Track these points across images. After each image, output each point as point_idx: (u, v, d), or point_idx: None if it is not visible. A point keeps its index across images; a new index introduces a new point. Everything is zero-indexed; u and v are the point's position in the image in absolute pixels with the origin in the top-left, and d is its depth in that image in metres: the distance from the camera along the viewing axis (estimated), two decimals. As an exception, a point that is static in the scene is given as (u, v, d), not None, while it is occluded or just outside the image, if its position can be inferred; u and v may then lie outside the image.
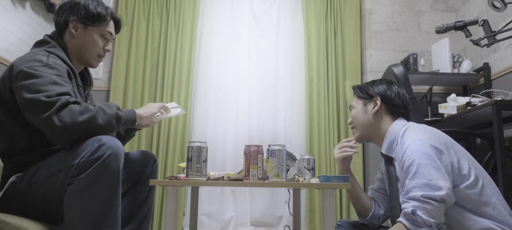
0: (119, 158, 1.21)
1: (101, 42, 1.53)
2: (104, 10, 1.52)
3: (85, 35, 1.49)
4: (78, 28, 1.48)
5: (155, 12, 3.36)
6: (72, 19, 1.47)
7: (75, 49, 1.50)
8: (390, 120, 1.46)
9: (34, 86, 1.24)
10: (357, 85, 1.57)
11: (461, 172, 1.25)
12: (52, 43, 1.44)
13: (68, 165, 1.20)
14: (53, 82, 1.26)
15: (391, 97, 1.46)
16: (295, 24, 3.44)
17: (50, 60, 1.34)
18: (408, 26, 3.33)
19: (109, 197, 1.20)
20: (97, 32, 1.51)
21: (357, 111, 1.51)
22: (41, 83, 1.25)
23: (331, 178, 1.24)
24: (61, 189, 1.22)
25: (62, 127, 1.19)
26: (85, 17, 1.47)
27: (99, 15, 1.49)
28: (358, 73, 3.30)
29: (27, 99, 1.23)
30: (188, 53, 3.28)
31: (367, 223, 1.56)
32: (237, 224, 3.08)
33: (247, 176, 1.27)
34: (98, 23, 1.50)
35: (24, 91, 1.24)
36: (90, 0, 1.51)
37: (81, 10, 1.47)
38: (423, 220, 1.15)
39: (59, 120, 1.19)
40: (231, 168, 3.11)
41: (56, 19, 1.50)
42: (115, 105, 1.36)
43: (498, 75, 2.72)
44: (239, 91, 3.29)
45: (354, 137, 1.54)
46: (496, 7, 1.81)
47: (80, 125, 1.21)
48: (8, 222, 1.16)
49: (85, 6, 1.48)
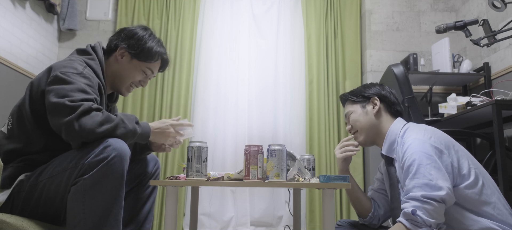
0: (124, 161, 1.21)
1: (140, 76, 1.55)
2: (157, 49, 1.53)
3: (128, 64, 1.52)
4: (124, 57, 1.51)
5: (155, 12, 3.36)
6: (122, 46, 1.50)
7: (112, 73, 1.52)
8: (390, 118, 1.47)
9: (62, 91, 1.25)
10: (348, 92, 1.56)
11: (461, 171, 1.25)
12: (92, 55, 1.46)
13: (73, 165, 1.21)
14: (81, 90, 1.28)
15: (387, 96, 1.49)
16: (295, 24, 3.44)
17: (85, 70, 1.36)
18: (408, 26, 3.33)
19: (112, 198, 1.21)
20: (140, 66, 1.53)
21: (357, 115, 1.49)
22: (70, 89, 1.26)
23: (331, 178, 1.24)
24: (65, 189, 1.22)
25: (80, 133, 1.20)
26: (135, 49, 1.49)
27: (149, 52, 1.51)
28: (358, 73, 3.31)
29: (53, 103, 1.24)
30: (188, 53, 3.28)
31: (367, 223, 1.56)
32: (237, 224, 3.08)
33: (247, 176, 1.27)
34: (144, 59, 1.52)
35: (52, 94, 1.26)
36: (150, 35, 1.54)
37: (135, 42, 1.50)
38: (423, 220, 1.15)
39: (79, 126, 1.20)
40: (231, 168, 3.11)
41: (111, 39, 1.54)
42: (135, 118, 1.36)
43: (498, 75, 2.72)
44: (239, 91, 3.28)
45: (358, 141, 1.51)
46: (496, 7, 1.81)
47: (99, 134, 1.22)
48: (9, 222, 1.16)
49: (140, 39, 1.50)
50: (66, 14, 3.24)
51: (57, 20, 3.33)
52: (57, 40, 3.35)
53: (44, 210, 1.29)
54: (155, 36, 1.57)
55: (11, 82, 2.72)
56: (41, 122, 1.32)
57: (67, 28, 3.27)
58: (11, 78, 2.73)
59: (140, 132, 1.35)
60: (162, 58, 1.59)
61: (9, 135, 1.36)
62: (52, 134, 1.30)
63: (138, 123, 1.36)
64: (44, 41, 3.15)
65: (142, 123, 1.39)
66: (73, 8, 3.26)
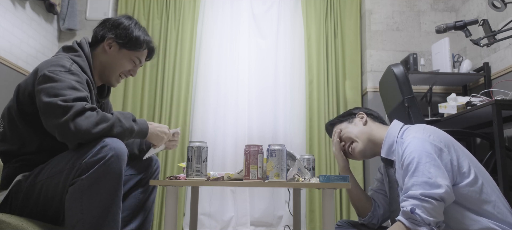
0: (121, 160, 1.21)
1: (129, 65, 1.55)
2: (144, 37, 1.54)
3: (117, 55, 1.51)
4: (112, 46, 1.50)
5: (155, 12, 3.36)
6: (109, 36, 1.49)
7: (100, 64, 1.51)
8: (379, 125, 1.50)
9: (53, 90, 1.24)
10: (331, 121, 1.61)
11: (461, 169, 1.25)
12: (79, 52, 1.45)
13: (70, 165, 1.21)
14: (71, 87, 1.27)
15: (371, 112, 1.56)
16: (295, 24, 3.44)
17: (73, 66, 1.35)
18: (408, 26, 3.33)
19: (110, 198, 1.20)
20: (129, 55, 1.53)
21: (347, 129, 1.52)
22: (60, 87, 1.25)
23: (331, 178, 1.24)
24: (62, 189, 1.22)
25: (76, 134, 1.20)
26: (123, 38, 1.49)
27: (137, 40, 1.51)
28: (358, 73, 3.31)
29: (45, 103, 1.23)
30: (188, 53, 3.28)
31: (366, 223, 1.57)
32: (237, 224, 3.08)
33: (247, 176, 1.27)
34: (133, 48, 1.52)
35: (43, 94, 1.24)
36: (135, 24, 1.54)
37: (121, 31, 1.50)
38: (422, 219, 1.15)
39: (75, 127, 1.19)
40: (231, 168, 3.11)
41: (95, 31, 1.52)
42: (132, 115, 1.36)
43: (498, 75, 2.72)
44: (239, 91, 3.29)
45: (357, 151, 1.49)
46: (496, 7, 1.81)
47: (95, 135, 1.21)
48: (8, 222, 1.16)
49: (126, 28, 1.50)
50: (66, 14, 3.24)
51: (57, 20, 3.33)
52: (57, 40, 3.35)
53: (42, 210, 1.29)
54: (141, 25, 1.57)
55: (11, 82, 2.72)
56: (33, 123, 1.31)
57: (67, 28, 3.27)
58: (11, 78, 2.73)
59: (138, 129, 1.35)
60: (148, 47, 1.59)
61: (2, 138, 1.37)
62: (46, 134, 1.30)
63: (135, 121, 1.36)
64: (44, 41, 3.16)
65: (139, 120, 1.39)
66: (73, 8, 3.26)
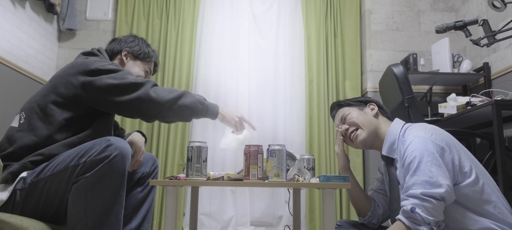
0: (125, 160, 1.22)
1: (142, 75, 1.72)
2: (152, 52, 1.77)
3: (133, 64, 1.69)
4: (129, 57, 1.69)
5: (155, 12, 3.36)
6: (125, 48, 1.68)
7: None
8: (387, 121, 1.50)
9: (120, 75, 1.40)
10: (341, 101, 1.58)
11: (462, 169, 1.25)
12: (101, 56, 1.57)
13: (75, 163, 1.20)
14: (130, 73, 1.45)
15: (381, 106, 1.55)
16: (295, 24, 3.44)
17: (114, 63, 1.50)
18: (408, 26, 3.33)
19: (113, 197, 1.21)
20: (142, 66, 1.71)
21: (356, 114, 1.49)
22: (124, 72, 1.43)
23: (331, 178, 1.24)
24: (66, 187, 1.22)
25: (157, 99, 1.37)
26: (137, 51, 1.70)
27: (148, 54, 1.73)
28: (358, 73, 3.31)
29: (116, 85, 1.37)
30: (188, 53, 3.28)
31: (366, 222, 1.56)
32: (237, 224, 3.08)
33: (247, 176, 1.27)
34: (145, 59, 1.72)
35: (110, 79, 1.37)
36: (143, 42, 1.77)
37: (135, 45, 1.71)
38: (422, 218, 1.15)
39: (155, 92, 1.38)
40: (231, 168, 3.11)
41: (111, 46, 1.70)
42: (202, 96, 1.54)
43: (498, 75, 2.72)
44: (239, 91, 3.28)
45: (359, 139, 1.47)
46: (496, 7, 1.81)
47: (173, 100, 1.40)
48: (8, 222, 1.16)
49: (138, 43, 1.73)
50: (66, 14, 3.24)
51: (57, 20, 3.33)
52: (57, 40, 3.35)
53: (44, 208, 1.29)
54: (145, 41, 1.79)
55: (11, 82, 2.72)
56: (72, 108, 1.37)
57: (67, 28, 3.27)
58: (11, 78, 2.73)
59: (208, 105, 1.52)
60: (155, 61, 1.79)
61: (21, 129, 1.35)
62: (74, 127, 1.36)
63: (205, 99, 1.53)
64: (44, 41, 3.15)
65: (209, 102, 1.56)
66: (73, 8, 3.26)
